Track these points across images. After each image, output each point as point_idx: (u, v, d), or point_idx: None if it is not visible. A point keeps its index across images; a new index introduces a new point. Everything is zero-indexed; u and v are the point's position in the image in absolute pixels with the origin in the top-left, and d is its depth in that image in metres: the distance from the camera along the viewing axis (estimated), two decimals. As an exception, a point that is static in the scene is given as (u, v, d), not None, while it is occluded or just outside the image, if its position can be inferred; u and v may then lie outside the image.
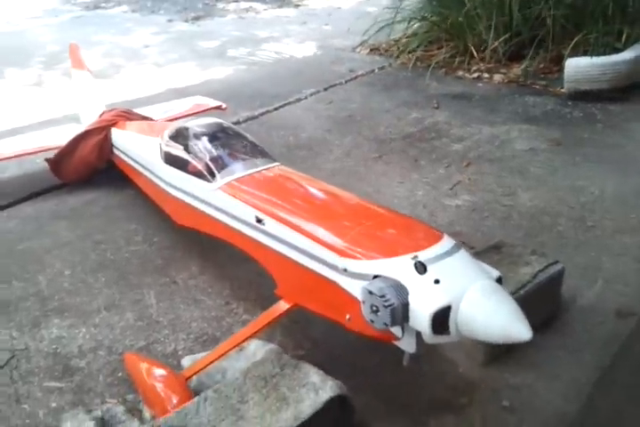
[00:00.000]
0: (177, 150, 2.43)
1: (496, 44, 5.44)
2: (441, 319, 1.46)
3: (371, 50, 6.29)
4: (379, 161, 3.81)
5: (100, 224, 3.11)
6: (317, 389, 1.72)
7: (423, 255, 1.56)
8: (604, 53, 4.73)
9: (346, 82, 5.32)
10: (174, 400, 1.81)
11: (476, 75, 5.45)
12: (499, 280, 1.61)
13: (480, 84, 5.25)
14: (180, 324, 2.37)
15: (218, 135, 2.36)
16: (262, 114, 4.63)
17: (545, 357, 2.19)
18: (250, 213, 1.97)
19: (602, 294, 2.52)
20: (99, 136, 3.22)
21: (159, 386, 1.87)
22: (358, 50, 6.29)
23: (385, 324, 1.50)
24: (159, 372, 1.93)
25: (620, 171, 3.56)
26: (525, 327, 1.40)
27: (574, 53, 4.89)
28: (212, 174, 2.20)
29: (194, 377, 1.93)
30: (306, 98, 4.95)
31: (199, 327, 2.36)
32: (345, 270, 1.65)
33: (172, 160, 2.46)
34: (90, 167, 3.35)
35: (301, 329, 2.35)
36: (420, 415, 1.95)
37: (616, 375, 2.11)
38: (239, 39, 6.95)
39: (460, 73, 5.53)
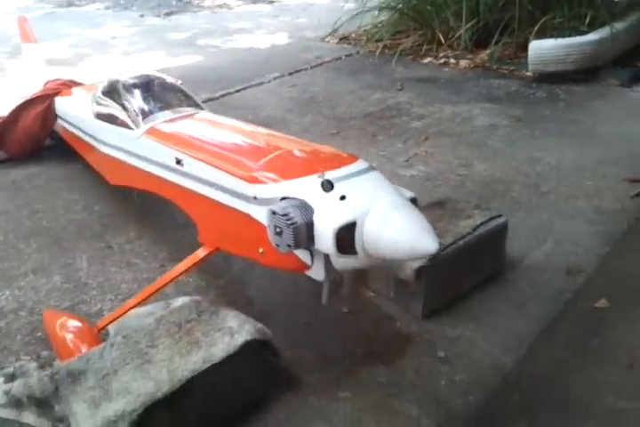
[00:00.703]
0: (106, 104, 2.37)
1: (462, 30, 5.41)
2: (346, 238, 1.37)
3: (340, 39, 6.25)
4: (336, 136, 3.74)
5: (40, 195, 3.00)
6: (233, 333, 1.62)
7: (331, 175, 1.48)
8: (570, 37, 4.70)
9: (311, 67, 5.27)
10: (83, 350, 1.71)
11: (442, 61, 5.41)
12: (413, 201, 1.52)
13: (446, 70, 5.21)
14: (109, 286, 2.27)
15: (148, 87, 2.30)
16: (223, 95, 4.56)
17: (486, 310, 2.11)
18: (170, 155, 1.91)
19: (551, 254, 2.44)
20: (42, 105, 3.13)
21: (69, 337, 1.77)
22: (327, 39, 6.25)
23: (289, 245, 1.41)
24: (72, 323, 1.84)
25: (579, 144, 3.51)
26: (432, 239, 1.31)
27: (540, 38, 4.85)
28: (137, 123, 2.14)
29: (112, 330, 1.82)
30: (269, 81, 4.89)
31: (129, 288, 2.25)
32: (255, 198, 1.57)
33: (101, 115, 2.42)
34: (33, 139, 3.25)
35: (236, 289, 2.26)
36: (351, 367, 1.85)
37: (560, 327, 2.03)
38: (210, 31, 6.90)
39: (427, 60, 5.49)
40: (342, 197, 1.41)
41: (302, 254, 1.51)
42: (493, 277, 2.27)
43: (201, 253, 1.84)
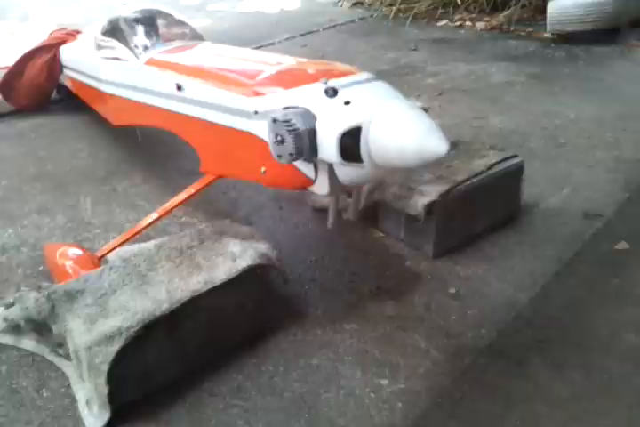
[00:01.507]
0: (108, 42, 2.30)
1: (480, -8, 5.27)
2: (351, 144, 1.30)
3: (354, 4, 6.13)
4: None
5: (45, 143, 2.96)
6: (235, 257, 1.56)
7: (335, 82, 1.40)
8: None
9: (323, 30, 5.17)
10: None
11: (458, 23, 5.29)
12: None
13: (462, 31, 5.09)
14: (112, 225, 2.22)
15: (150, 20, 2.23)
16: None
17: (500, 251, 2.03)
18: (170, 82, 1.85)
19: (568, 200, 2.36)
20: (47, 55, 3.06)
21: (69, 263, 1.73)
22: (340, 4, 6.14)
23: (290, 154, 1.34)
24: (73, 251, 1.80)
25: (599, 99, 3.40)
26: (441, 139, 1.23)
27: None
28: (138, 55, 2.11)
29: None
30: (280, 42, 4.79)
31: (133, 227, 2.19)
32: (256, 113, 1.50)
33: (104, 53, 2.35)
34: (40, 90, 3.19)
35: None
36: (358, 301, 1.79)
37: (577, 268, 1.95)
38: (220, -3, 6.79)
39: (443, 22, 5.37)
40: (347, 103, 1.33)
41: (305, 167, 1.44)
42: (508, 220, 2.18)
43: (203, 180, 1.77)
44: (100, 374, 1.32)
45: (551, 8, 4.51)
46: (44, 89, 3.19)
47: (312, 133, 1.33)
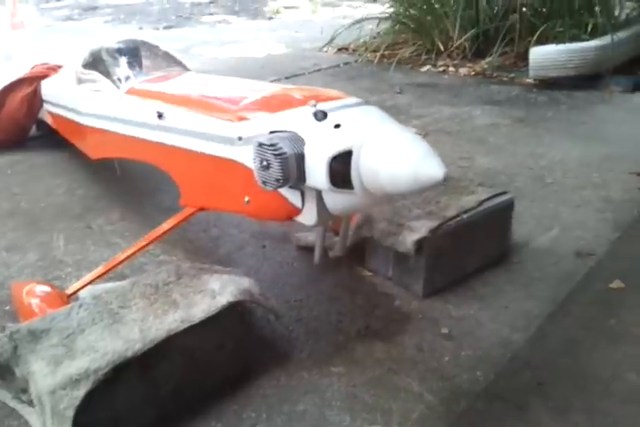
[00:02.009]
0: (88, 73, 2.24)
1: (462, 40, 5.37)
2: (342, 169, 1.23)
3: (338, 49, 6.22)
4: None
5: (21, 180, 2.87)
6: (215, 294, 1.46)
7: (324, 106, 1.34)
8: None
9: (309, 73, 5.21)
10: (50, 314, 1.54)
11: (441, 68, 5.36)
12: None
13: (445, 77, 5.15)
14: (86, 263, 2.11)
15: (132, 51, 2.18)
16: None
17: (492, 290, 1.96)
18: (151, 109, 1.78)
19: (558, 239, 2.31)
20: (28, 88, 3.01)
21: (35, 302, 1.62)
22: (325, 49, 6.21)
23: (277, 180, 1.27)
24: (40, 288, 1.69)
25: (583, 141, 3.41)
26: (437, 163, 1.17)
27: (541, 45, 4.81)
28: (119, 84, 2.05)
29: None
30: (265, 84, 4.79)
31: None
32: (240, 139, 1.44)
33: (84, 83, 2.30)
34: (19, 126, 3.13)
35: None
36: (346, 343, 1.69)
37: (572, 307, 1.88)
38: (206, 42, 6.86)
39: (426, 68, 5.44)
40: (337, 126, 1.28)
41: (292, 195, 1.37)
42: (498, 258, 2.12)
43: (183, 213, 1.69)
44: (64, 420, 1.20)
45: (534, 54, 4.59)
46: (22, 124, 3.13)
47: (300, 158, 1.26)
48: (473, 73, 5.17)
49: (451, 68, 5.32)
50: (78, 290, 1.66)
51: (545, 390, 1.52)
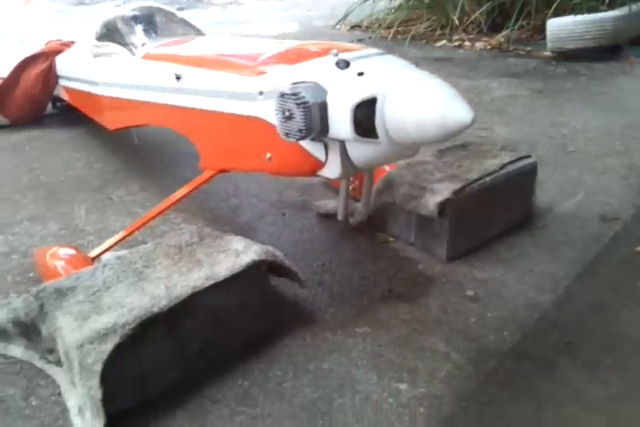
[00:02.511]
0: (104, 43, 2.23)
1: (477, 14, 5.29)
2: (366, 118, 1.21)
3: (351, 27, 6.16)
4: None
5: (39, 155, 2.88)
6: (239, 253, 1.45)
7: (346, 55, 1.31)
8: (589, 15, 4.56)
9: (322, 50, 5.14)
10: (74, 276, 1.54)
11: (457, 43, 5.30)
12: None
13: (461, 51, 5.09)
14: (107, 232, 2.11)
15: (147, 17, 2.16)
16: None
17: (516, 254, 1.93)
18: (168, 73, 1.76)
19: (583, 204, 2.27)
20: (43, 64, 3.00)
21: (60, 264, 1.62)
22: (338, 27, 6.15)
23: (300, 130, 1.24)
24: (64, 251, 1.69)
25: (604, 111, 3.35)
26: (465, 107, 1.14)
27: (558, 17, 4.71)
28: (135, 51, 2.05)
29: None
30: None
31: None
32: (261, 93, 1.41)
33: (100, 54, 2.29)
34: (35, 103, 3.12)
35: (244, 236, 2.07)
36: (370, 305, 1.68)
37: (599, 269, 1.84)
38: (219, 22, 6.83)
39: (441, 43, 5.38)
40: (360, 74, 1.25)
41: (314, 148, 1.35)
42: (521, 223, 2.09)
43: (203, 176, 1.68)
44: (92, 375, 1.19)
45: (551, 26, 4.51)
46: (39, 102, 3.13)
47: (323, 107, 1.24)
48: (489, 47, 5.10)
49: (466, 43, 5.24)
50: (101, 253, 1.66)
51: (573, 349, 1.49)
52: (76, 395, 1.29)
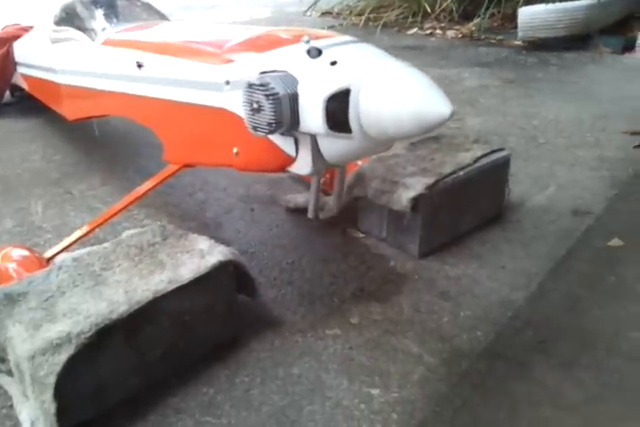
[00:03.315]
0: (62, 28, 2.11)
1: (448, 1, 5.25)
2: (339, 110, 1.14)
3: (322, 13, 6.07)
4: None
5: (-5, 146, 2.73)
6: (204, 254, 1.38)
7: (318, 43, 1.24)
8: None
9: (292, 37, 5.04)
10: (27, 278, 1.45)
11: (428, 31, 5.25)
12: None
13: (432, 39, 5.05)
14: (66, 229, 2.01)
15: (107, 1, 2.05)
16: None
17: (489, 249, 1.90)
18: (129, 60, 1.67)
19: (555, 197, 2.25)
20: (-1, 51, 2.85)
21: (12, 266, 1.52)
22: (309, 13, 6.05)
23: (269, 124, 1.17)
24: (17, 252, 1.58)
25: (575, 101, 3.34)
26: (443, 99, 1.08)
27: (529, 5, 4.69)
28: (94, 36, 1.91)
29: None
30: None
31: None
32: (227, 83, 1.34)
33: (58, 40, 2.16)
34: (-10, 91, 2.97)
35: (211, 232, 2.01)
36: (341, 305, 1.62)
37: (572, 265, 1.82)
38: (187, 7, 6.65)
39: (413, 31, 5.32)
40: (333, 63, 1.18)
41: (284, 143, 1.28)
42: (494, 218, 2.06)
43: (166, 170, 1.60)
44: (45, 388, 1.12)
45: (522, 15, 4.49)
46: (-4, 88, 2.98)
47: (294, 99, 1.16)
48: (460, 35, 5.07)
49: (438, 31, 5.21)
50: (57, 253, 1.57)
51: (547, 348, 1.47)
52: (28, 408, 1.21)
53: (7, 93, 3.22)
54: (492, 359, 1.43)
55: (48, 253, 1.59)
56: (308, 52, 1.20)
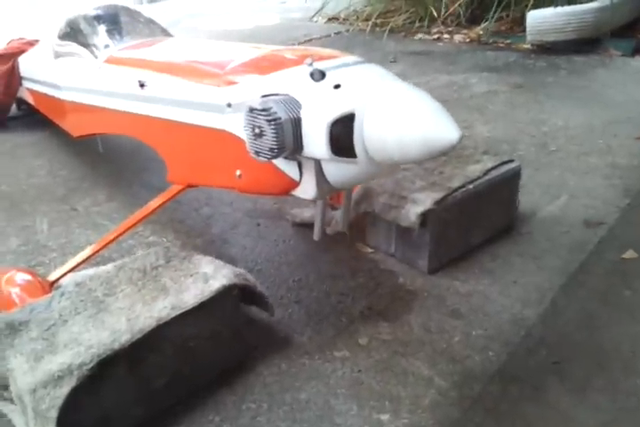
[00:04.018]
0: (65, 44, 2.10)
1: (456, 5, 5.19)
2: (343, 135, 1.11)
3: (329, 19, 6.03)
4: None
5: (1, 161, 2.75)
6: (208, 278, 1.35)
7: (321, 65, 1.22)
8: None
9: (299, 44, 5.02)
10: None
11: (435, 36, 5.20)
12: None
13: (440, 44, 5.00)
14: (71, 247, 2.00)
15: (113, 18, 2.04)
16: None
17: (500, 264, 1.86)
18: (131, 79, 1.65)
19: (566, 208, 2.20)
20: (4, 66, 2.86)
21: (15, 291, 1.50)
22: (315, 19, 6.02)
23: (271, 149, 1.14)
24: (21, 277, 1.57)
25: (586, 106, 3.29)
26: (451, 124, 1.05)
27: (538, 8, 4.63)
28: (97, 53, 1.93)
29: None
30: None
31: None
32: (229, 106, 1.31)
33: (61, 55, 2.17)
34: (-3, 105, 2.97)
35: (217, 249, 1.99)
36: (349, 325, 1.59)
37: (585, 279, 1.78)
38: (192, 15, 6.65)
39: (420, 36, 5.27)
40: (336, 86, 1.15)
41: (287, 167, 1.25)
42: (505, 230, 2.02)
43: (170, 191, 1.57)
44: (47, 422, 1.10)
45: (530, 18, 4.42)
46: (1, 104, 2.98)
47: (296, 123, 1.14)
48: (468, 40, 5.01)
49: (445, 36, 5.15)
50: (62, 277, 1.55)
51: (562, 369, 1.43)
52: (31, 439, 1.19)
53: (13, 107, 3.21)
54: (505, 382, 1.40)
55: (52, 277, 1.57)
56: (312, 74, 1.17)
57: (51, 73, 2.31)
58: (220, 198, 2.30)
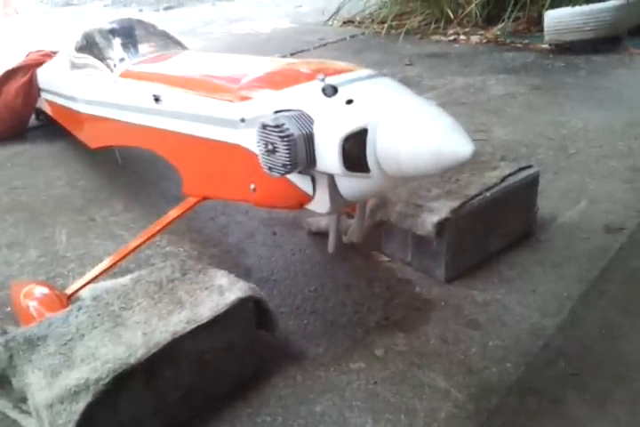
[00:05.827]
0: (82, 56, 2.13)
1: (472, 6, 5.16)
2: (356, 151, 1.11)
3: (344, 22, 6.03)
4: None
5: (21, 172, 2.78)
6: (223, 291, 1.36)
7: (334, 79, 1.21)
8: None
9: (314, 48, 5.04)
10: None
11: (452, 37, 5.18)
12: None
13: (456, 45, 4.97)
14: (89, 258, 2.02)
15: (128, 31, 2.06)
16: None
17: (518, 272, 1.84)
18: (147, 93, 1.67)
19: (586, 213, 2.17)
20: (23, 78, 2.90)
21: (32, 304, 1.52)
22: (330, 23, 6.02)
23: (284, 165, 1.14)
24: (39, 290, 1.59)
25: (606, 108, 3.24)
26: (464, 139, 1.04)
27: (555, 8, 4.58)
28: (113, 67, 1.94)
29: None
30: (270, 62, 4.64)
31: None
32: (242, 121, 1.32)
33: (78, 68, 2.20)
34: (17, 117, 3.03)
35: (233, 258, 2.00)
36: (365, 336, 1.59)
37: (606, 287, 1.75)
38: (211, 21, 6.70)
39: (436, 37, 5.25)
40: (349, 102, 1.15)
41: (301, 181, 1.25)
42: (523, 237, 1.99)
43: (186, 203, 1.58)
44: (64, 437, 1.11)
45: (548, 18, 4.38)
46: (20, 115, 3.03)
47: (309, 139, 1.14)
48: (485, 41, 4.98)
49: (461, 37, 5.13)
50: (79, 290, 1.57)
51: (581, 381, 1.41)
52: (50, 454, 1.20)
53: (33, 117, 3.26)
54: (523, 394, 1.38)
55: (69, 290, 1.59)
56: (324, 90, 1.17)
57: (68, 85, 2.34)
58: (236, 207, 2.31)
